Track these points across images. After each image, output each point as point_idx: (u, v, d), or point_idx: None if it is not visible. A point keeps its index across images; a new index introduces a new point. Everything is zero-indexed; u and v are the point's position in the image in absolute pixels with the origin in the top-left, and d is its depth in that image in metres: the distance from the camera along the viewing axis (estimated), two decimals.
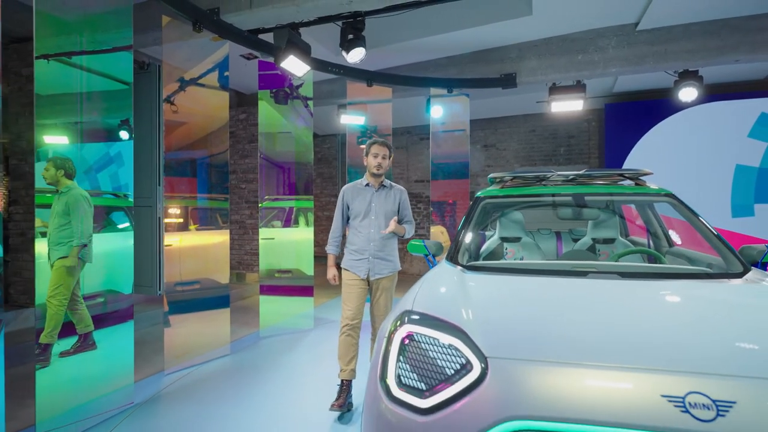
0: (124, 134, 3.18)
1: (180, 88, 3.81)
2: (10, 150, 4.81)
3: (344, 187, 3.09)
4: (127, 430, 2.62)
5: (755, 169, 5.95)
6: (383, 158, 2.94)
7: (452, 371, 1.26)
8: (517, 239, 3.13)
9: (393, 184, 3.08)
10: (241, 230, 7.13)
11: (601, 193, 2.70)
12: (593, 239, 3.12)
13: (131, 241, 3.37)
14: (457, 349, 1.30)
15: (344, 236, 3.14)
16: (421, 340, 1.37)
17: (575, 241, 3.51)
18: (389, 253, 2.99)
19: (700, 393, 1.03)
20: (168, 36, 3.65)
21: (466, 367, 1.24)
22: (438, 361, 1.30)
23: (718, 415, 0.99)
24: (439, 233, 6.04)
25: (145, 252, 4.94)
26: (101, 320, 2.90)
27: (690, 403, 1.02)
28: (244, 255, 7.18)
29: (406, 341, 1.40)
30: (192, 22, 3.63)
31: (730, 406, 1.00)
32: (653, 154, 6.44)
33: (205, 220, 4.20)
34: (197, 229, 4.17)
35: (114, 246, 3.23)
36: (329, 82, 6.24)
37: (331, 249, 3.07)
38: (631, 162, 6.54)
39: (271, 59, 4.41)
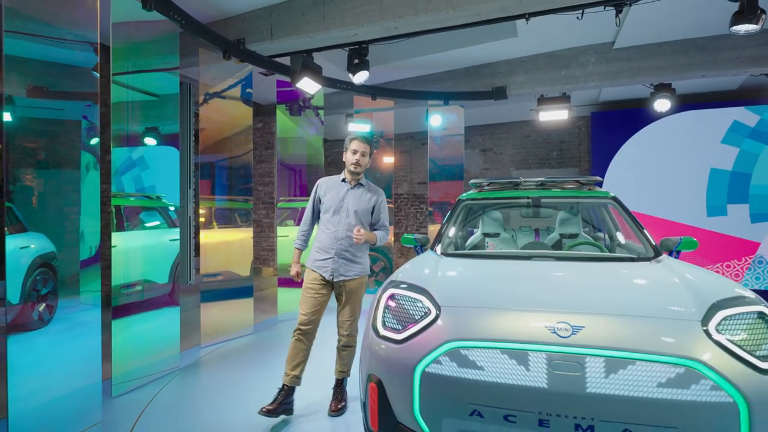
0: (150, 140, 3.70)
1: (205, 102, 4.46)
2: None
3: (320, 180, 2.93)
4: (177, 384, 3.31)
5: (728, 173, 6.48)
6: (362, 155, 2.77)
7: (418, 316, 1.89)
8: (497, 234, 3.74)
9: (372, 184, 2.92)
10: (258, 228, 7.82)
11: (557, 196, 3.32)
12: (560, 234, 3.72)
13: (164, 238, 3.98)
14: (422, 302, 1.93)
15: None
16: (399, 298, 2.01)
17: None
18: (357, 254, 2.79)
19: (564, 322, 1.65)
20: (201, 60, 4.33)
21: (427, 314, 1.88)
22: (410, 311, 1.94)
23: (572, 333, 1.61)
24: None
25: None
26: (139, 306, 3.46)
27: (557, 328, 1.64)
28: (261, 251, 7.87)
29: (390, 301, 2.04)
30: (222, 51, 4.30)
31: (581, 329, 1.63)
32: (635, 158, 7.00)
33: (234, 219, 4.89)
34: (223, 228, 4.83)
35: (148, 241, 3.78)
36: (338, 93, 6.88)
37: (298, 244, 2.92)
38: (615, 165, 7.10)
39: (287, 78, 5.08)
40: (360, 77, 4.67)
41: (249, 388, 3.22)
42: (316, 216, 2.93)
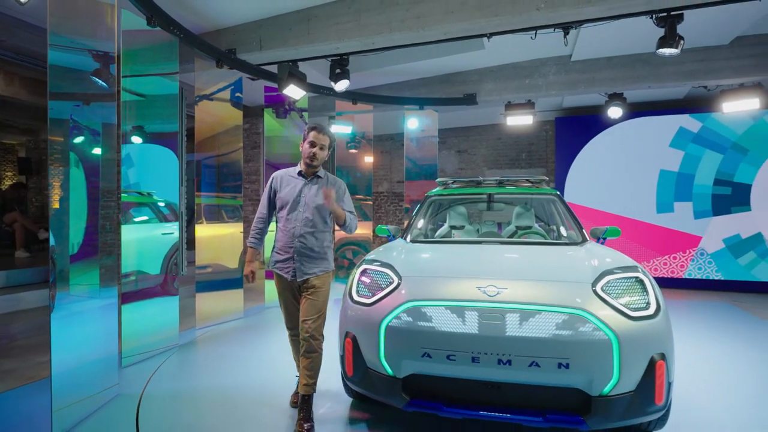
0: (136, 139, 3.90)
1: (196, 104, 4.85)
2: None
3: (275, 173, 2.72)
4: (178, 357, 3.76)
5: (675, 174, 7.19)
6: (320, 149, 2.58)
7: (384, 285, 2.40)
8: (462, 227, 4.28)
9: (329, 174, 2.70)
10: (246, 224, 8.21)
11: (510, 192, 3.87)
12: (516, 226, 4.28)
13: (156, 232, 4.28)
14: (389, 275, 2.44)
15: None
16: (370, 272, 2.52)
17: None
18: (318, 250, 2.57)
19: (492, 285, 2.18)
20: (196, 67, 4.75)
21: (391, 282, 2.39)
22: (378, 281, 2.44)
23: (497, 293, 2.14)
24: None
25: None
26: (136, 294, 3.78)
27: (486, 290, 2.17)
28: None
29: (362, 275, 2.54)
30: (215, 60, 4.73)
31: (504, 290, 2.16)
32: (593, 160, 7.65)
33: (222, 215, 5.31)
34: (212, 223, 5.25)
35: (140, 235, 4.07)
36: (321, 97, 7.33)
37: (251, 242, 2.71)
38: (576, 166, 7.75)
39: (274, 85, 5.53)
40: (341, 86, 5.15)
41: (242, 360, 3.69)
42: (271, 211, 2.73)
